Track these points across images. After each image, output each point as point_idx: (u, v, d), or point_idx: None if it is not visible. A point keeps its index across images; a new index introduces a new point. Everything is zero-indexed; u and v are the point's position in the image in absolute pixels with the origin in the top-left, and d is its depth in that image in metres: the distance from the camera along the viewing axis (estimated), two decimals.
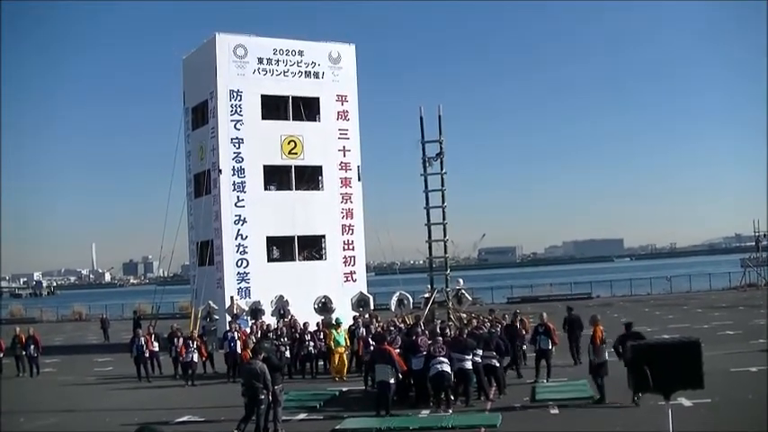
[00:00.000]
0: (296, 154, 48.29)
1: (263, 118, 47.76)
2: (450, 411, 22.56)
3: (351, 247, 49.11)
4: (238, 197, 46.17)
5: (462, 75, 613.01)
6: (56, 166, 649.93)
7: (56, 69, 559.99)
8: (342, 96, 49.67)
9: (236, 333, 32.85)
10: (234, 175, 46.21)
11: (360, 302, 38.02)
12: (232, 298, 42.34)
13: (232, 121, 46.47)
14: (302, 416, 23.44)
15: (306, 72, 48.90)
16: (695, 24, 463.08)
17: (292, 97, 48.49)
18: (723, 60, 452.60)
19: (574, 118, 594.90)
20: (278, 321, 36.11)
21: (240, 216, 46.07)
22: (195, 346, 32.60)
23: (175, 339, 33.12)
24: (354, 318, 34.98)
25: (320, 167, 49.11)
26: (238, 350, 31.69)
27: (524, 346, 30.27)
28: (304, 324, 34.06)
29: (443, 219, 34.92)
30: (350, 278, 48.44)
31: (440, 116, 35.01)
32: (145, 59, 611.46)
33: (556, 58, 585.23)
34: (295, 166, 48.35)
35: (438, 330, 26.67)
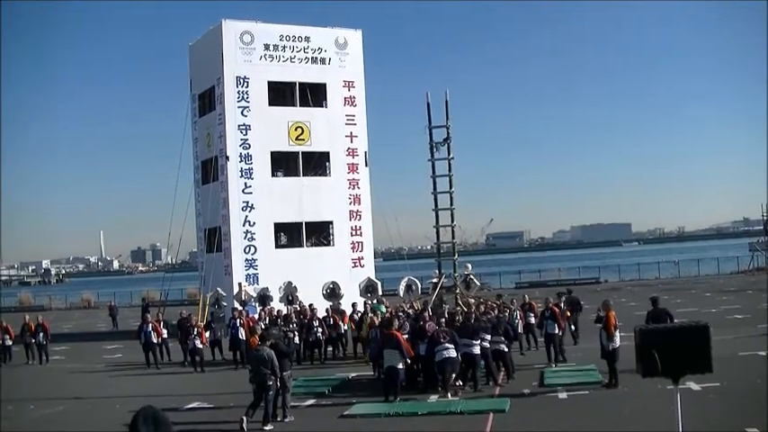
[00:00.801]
0: (303, 140, 48.24)
1: (270, 104, 47.70)
2: (459, 396, 22.61)
3: (358, 232, 49.10)
4: (246, 184, 46.14)
5: (469, 60, 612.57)
6: (64, 153, 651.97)
7: (64, 55, 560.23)
8: (349, 82, 49.58)
9: (238, 320, 32.89)
10: (241, 161, 46.18)
11: (368, 288, 38.08)
12: (240, 284, 42.39)
13: (239, 107, 46.42)
14: (311, 402, 23.48)
15: (312, 58, 48.79)
16: (704, 10, 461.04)
17: (299, 83, 48.41)
18: (733, 44, 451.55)
19: (582, 103, 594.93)
20: (288, 308, 36.13)
21: (248, 202, 46.05)
22: (196, 333, 32.64)
23: (187, 325, 33.15)
24: (361, 304, 35.02)
25: (327, 153, 49.07)
26: (241, 336, 31.79)
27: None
28: (312, 310, 34.09)
29: (451, 204, 34.88)
30: (358, 264, 48.43)
31: (447, 101, 34.97)
32: (152, 45, 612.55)
33: (564, 44, 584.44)
34: (302, 153, 48.29)
35: (446, 316, 26.65)
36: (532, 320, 31.30)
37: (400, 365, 22.81)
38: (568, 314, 30.53)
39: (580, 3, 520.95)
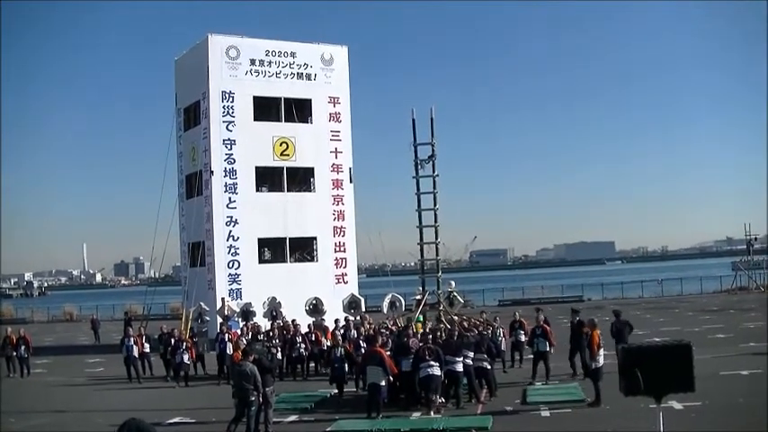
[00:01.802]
0: (288, 155, 48.28)
1: (256, 119, 47.74)
2: (442, 413, 22.58)
3: (342, 248, 49.10)
4: (230, 198, 46.13)
5: (454, 76, 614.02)
6: (47, 166, 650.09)
7: (47, 70, 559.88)
8: (334, 98, 49.67)
9: (226, 335, 32.83)
10: (226, 176, 46.16)
11: (351, 304, 38.02)
12: (223, 299, 42.26)
13: (224, 122, 46.43)
14: (293, 417, 23.44)
15: (298, 74, 48.89)
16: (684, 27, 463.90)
17: (284, 99, 48.47)
18: (721, 63, 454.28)
19: (565, 121, 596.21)
20: (272, 323, 36.06)
21: (232, 217, 46.02)
22: (185, 347, 32.54)
23: (172, 340, 33.06)
24: (342, 319, 34.92)
25: (312, 169, 49.10)
26: (229, 352, 31.70)
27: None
28: (295, 325, 34.03)
29: (435, 221, 34.90)
30: (341, 280, 48.43)
31: (432, 118, 34.98)
32: (137, 59, 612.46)
33: (547, 60, 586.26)
34: (287, 168, 48.32)
35: (429, 332, 26.63)
36: (522, 338, 31.25)
37: (383, 383, 22.78)
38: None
39: (574, 16, 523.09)
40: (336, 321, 34.78)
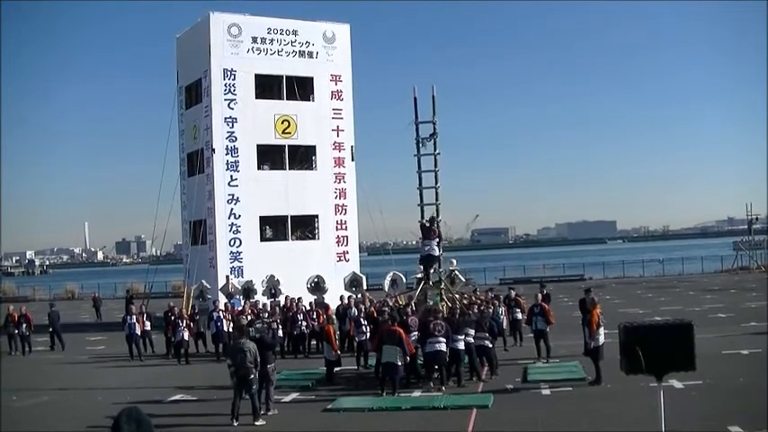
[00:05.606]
0: (289, 133, 48.21)
1: (257, 97, 47.69)
2: (443, 391, 22.60)
3: (344, 227, 49.09)
4: (232, 176, 46.09)
5: (457, 55, 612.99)
6: (49, 144, 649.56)
7: (49, 48, 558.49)
8: (336, 76, 49.56)
9: (221, 313, 32.92)
10: (227, 154, 46.12)
11: (352, 282, 37.97)
12: (227, 277, 42.34)
13: (226, 100, 46.34)
14: (294, 395, 23.46)
15: (300, 51, 48.76)
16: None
17: (286, 77, 48.38)
18: (721, 41, 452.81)
19: (566, 100, 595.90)
20: (272, 301, 36.07)
21: (233, 195, 45.99)
22: (184, 325, 32.62)
23: (172, 318, 33.11)
24: (342, 297, 34.85)
25: (314, 147, 49.04)
26: (225, 329, 31.84)
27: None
28: (297, 303, 33.98)
29: (436, 199, 34.70)
30: (343, 258, 48.45)
31: (433, 96, 34.74)
32: (140, 37, 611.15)
33: (549, 38, 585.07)
34: (288, 146, 48.27)
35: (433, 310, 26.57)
36: (519, 316, 31.23)
37: (399, 363, 22.68)
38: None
39: None
40: (342, 298, 34.52)
